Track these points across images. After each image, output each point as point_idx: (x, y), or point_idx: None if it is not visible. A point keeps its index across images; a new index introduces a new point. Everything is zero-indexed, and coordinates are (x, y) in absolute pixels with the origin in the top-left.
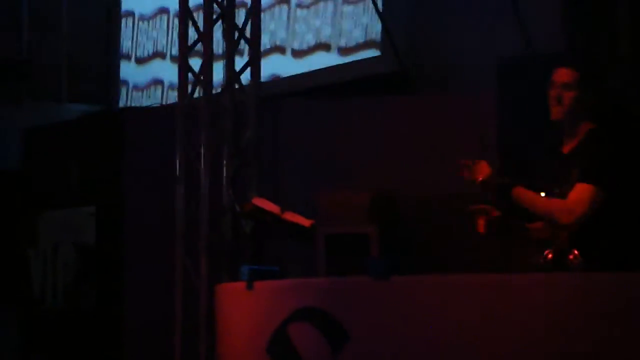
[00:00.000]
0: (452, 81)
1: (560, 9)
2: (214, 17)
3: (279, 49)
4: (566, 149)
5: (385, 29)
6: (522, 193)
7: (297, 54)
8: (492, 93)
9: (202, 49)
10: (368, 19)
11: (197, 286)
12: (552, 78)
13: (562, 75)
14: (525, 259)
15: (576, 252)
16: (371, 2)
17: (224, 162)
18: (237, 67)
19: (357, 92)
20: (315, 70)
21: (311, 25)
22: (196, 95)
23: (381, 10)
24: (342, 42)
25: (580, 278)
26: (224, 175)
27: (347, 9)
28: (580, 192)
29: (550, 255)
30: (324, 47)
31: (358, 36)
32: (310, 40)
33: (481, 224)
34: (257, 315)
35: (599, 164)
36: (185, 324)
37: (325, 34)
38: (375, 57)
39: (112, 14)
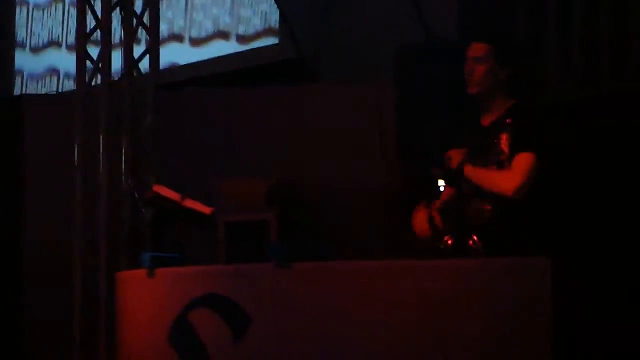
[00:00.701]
0: (353, 69)
1: None
2: (112, 4)
3: (177, 37)
4: (485, 122)
5: (282, 16)
6: (470, 170)
7: (196, 42)
8: (391, 81)
9: (100, 37)
10: (267, 6)
11: (96, 275)
12: (466, 53)
13: (474, 49)
14: (426, 245)
15: (475, 237)
16: None
17: (123, 149)
18: (136, 55)
19: (256, 80)
20: (214, 58)
21: (209, 14)
22: (94, 83)
23: None
24: (241, 30)
25: (479, 264)
26: (123, 162)
27: None
28: (522, 161)
29: (450, 241)
30: (223, 35)
31: (257, 24)
32: (208, 28)
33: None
34: (158, 303)
35: (535, 134)
36: (85, 313)
37: (224, 21)
38: (274, 44)
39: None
